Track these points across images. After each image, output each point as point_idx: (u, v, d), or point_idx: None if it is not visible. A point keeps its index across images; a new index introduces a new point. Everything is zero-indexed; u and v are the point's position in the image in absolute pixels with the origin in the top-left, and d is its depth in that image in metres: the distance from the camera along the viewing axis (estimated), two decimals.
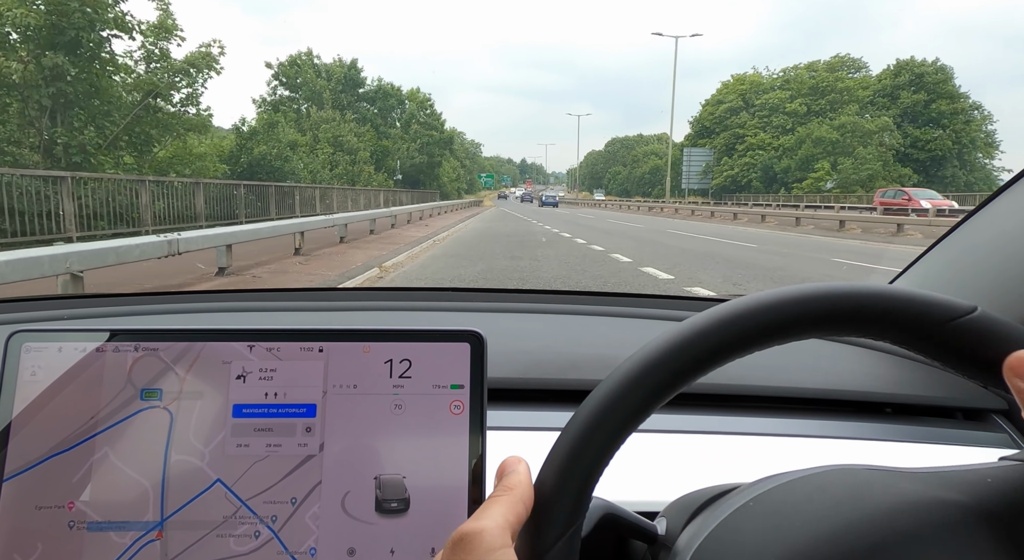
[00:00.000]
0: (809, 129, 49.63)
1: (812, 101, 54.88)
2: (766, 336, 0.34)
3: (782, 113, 55.77)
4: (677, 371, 0.35)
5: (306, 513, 0.42)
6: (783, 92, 57.29)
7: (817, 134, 47.99)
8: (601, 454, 0.34)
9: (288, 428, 0.43)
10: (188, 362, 0.43)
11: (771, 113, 57.03)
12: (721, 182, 58.85)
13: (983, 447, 0.68)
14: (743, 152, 56.60)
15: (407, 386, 0.44)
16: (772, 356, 0.42)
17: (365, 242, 13.24)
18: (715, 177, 60.20)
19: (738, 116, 59.60)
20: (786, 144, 52.61)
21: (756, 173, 54.64)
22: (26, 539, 0.41)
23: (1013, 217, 0.76)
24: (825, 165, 46.51)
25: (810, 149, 48.39)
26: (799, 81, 57.12)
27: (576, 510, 0.34)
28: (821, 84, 54.57)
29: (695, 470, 0.62)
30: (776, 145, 53.91)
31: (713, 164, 61.49)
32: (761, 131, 57.08)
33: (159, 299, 1.04)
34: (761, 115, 57.92)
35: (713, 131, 64.11)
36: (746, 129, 57.90)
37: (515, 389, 0.74)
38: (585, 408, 0.36)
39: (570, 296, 1.14)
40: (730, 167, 57.88)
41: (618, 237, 15.44)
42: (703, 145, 63.94)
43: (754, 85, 60.70)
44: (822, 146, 47.55)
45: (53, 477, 0.42)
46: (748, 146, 56.21)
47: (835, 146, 47.00)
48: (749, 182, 55.25)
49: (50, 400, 0.43)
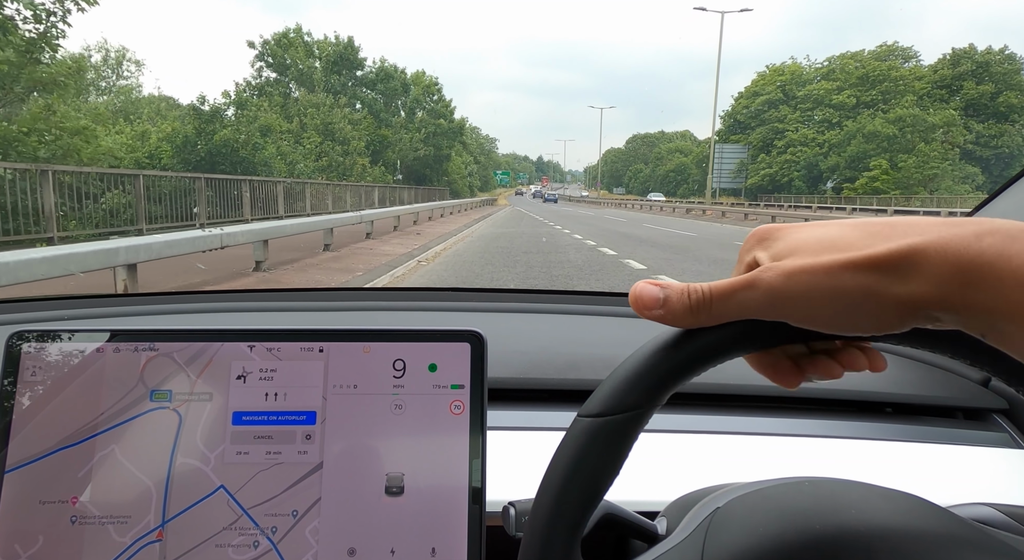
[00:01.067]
0: (860, 123, 44.21)
1: (861, 92, 49.39)
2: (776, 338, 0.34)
3: (827, 106, 50.38)
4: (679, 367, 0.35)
5: (306, 527, 0.43)
6: (828, 83, 51.98)
7: (870, 128, 42.78)
8: (583, 508, 0.35)
9: (288, 436, 0.44)
10: (200, 365, 0.45)
11: (815, 106, 51.79)
12: (757, 181, 53.62)
13: (983, 447, 0.69)
14: (783, 148, 51.48)
15: (407, 386, 0.45)
16: None
17: (300, 268, 9.01)
18: (750, 176, 54.69)
19: (777, 109, 54.42)
20: (833, 140, 47.23)
21: (798, 171, 49.54)
22: (28, 532, 0.42)
23: None
24: (883, 163, 41.24)
25: (862, 145, 43.17)
26: (845, 71, 51.40)
27: (580, 522, 0.35)
28: (872, 73, 49.25)
29: (695, 470, 0.63)
30: (821, 141, 48.31)
31: (748, 162, 55.84)
32: (803, 125, 51.44)
33: (159, 299, 1.04)
34: (803, 108, 52.72)
35: (748, 126, 58.76)
36: (786, 123, 52.69)
37: (515, 389, 0.75)
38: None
39: (570, 296, 1.15)
40: (768, 165, 52.77)
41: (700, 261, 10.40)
42: (736, 141, 58.34)
43: (794, 75, 55.48)
44: (876, 142, 42.35)
45: (57, 472, 0.43)
46: (788, 142, 51.06)
47: (892, 142, 41.54)
48: (790, 181, 50.15)
49: (51, 399, 0.44)
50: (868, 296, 0.29)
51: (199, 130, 19.54)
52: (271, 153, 22.13)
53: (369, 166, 32.11)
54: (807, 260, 0.31)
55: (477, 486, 0.43)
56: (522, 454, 0.62)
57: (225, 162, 19.70)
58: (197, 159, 19.16)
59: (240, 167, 19.91)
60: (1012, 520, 0.46)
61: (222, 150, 19.55)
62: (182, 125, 19.87)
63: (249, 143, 20.27)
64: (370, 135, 34.34)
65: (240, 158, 20.03)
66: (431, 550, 0.43)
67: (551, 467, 0.35)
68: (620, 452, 0.34)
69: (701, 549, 0.37)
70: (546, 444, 0.38)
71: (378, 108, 39.95)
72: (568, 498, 0.34)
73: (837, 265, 0.30)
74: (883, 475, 0.61)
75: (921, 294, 0.28)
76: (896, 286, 0.29)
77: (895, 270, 0.29)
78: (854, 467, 0.64)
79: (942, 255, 0.28)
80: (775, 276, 0.31)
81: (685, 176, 76.98)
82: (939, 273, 0.28)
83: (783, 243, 0.33)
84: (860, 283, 0.29)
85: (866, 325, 0.30)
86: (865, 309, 0.29)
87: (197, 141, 19.32)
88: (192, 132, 19.49)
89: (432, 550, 0.43)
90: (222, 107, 21.41)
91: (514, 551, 0.37)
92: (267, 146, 22.05)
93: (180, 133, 19.35)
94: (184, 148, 19.17)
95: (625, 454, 0.34)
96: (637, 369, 0.34)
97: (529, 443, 0.65)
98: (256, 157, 20.53)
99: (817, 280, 0.30)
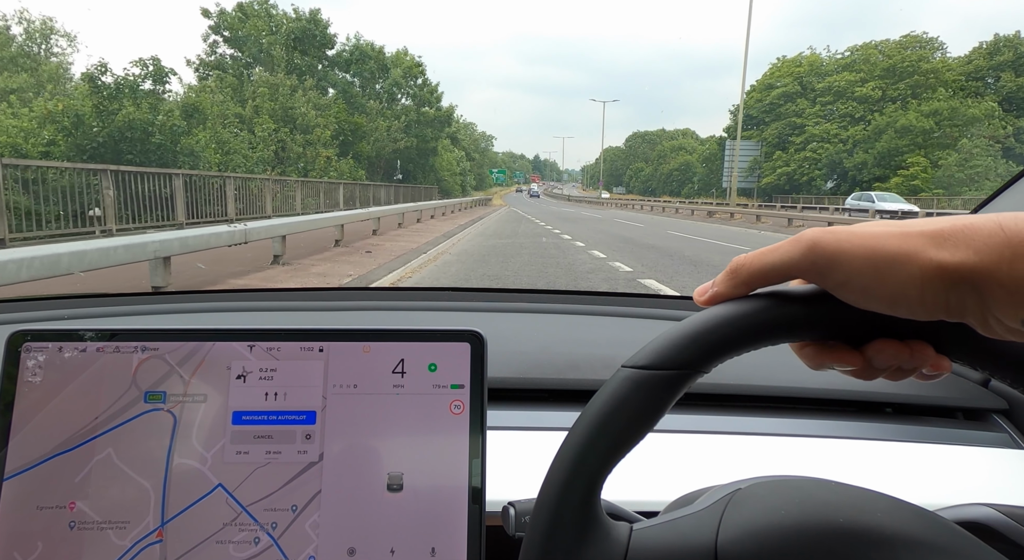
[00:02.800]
0: (891, 117, 39.55)
1: (888, 84, 44.49)
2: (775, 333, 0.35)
3: (851, 99, 45.67)
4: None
5: (306, 521, 0.45)
6: (851, 74, 47.62)
7: (903, 122, 38.99)
8: (606, 460, 0.36)
9: (288, 435, 0.46)
10: (193, 366, 0.46)
11: (836, 99, 47.39)
12: (773, 180, 49.41)
13: (983, 447, 0.71)
14: (801, 145, 47.63)
15: (407, 386, 0.47)
16: (772, 356, 0.46)
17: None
18: (765, 174, 50.09)
19: (794, 103, 50.48)
20: (857, 135, 42.44)
21: (820, 170, 45.51)
22: (27, 538, 0.44)
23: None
24: (921, 160, 36.85)
25: (894, 141, 38.76)
26: (869, 61, 46.93)
27: (601, 473, 0.35)
28: (899, 65, 44.49)
29: (695, 470, 0.65)
30: (845, 136, 43.58)
31: (761, 159, 51.23)
32: (823, 120, 46.65)
33: (159, 299, 1.06)
34: (823, 101, 48.27)
35: (761, 121, 54.57)
36: (805, 118, 48.80)
37: (515, 389, 0.77)
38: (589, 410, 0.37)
39: (570, 296, 1.16)
40: (784, 163, 48.87)
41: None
42: (748, 137, 53.60)
43: (813, 66, 50.84)
44: (910, 137, 37.86)
45: (54, 477, 0.45)
46: (808, 137, 46.71)
47: (927, 137, 36.77)
48: (811, 180, 45.97)
49: (51, 400, 0.46)
50: (909, 261, 0.30)
51: (98, 108, 14.74)
52: (203, 140, 17.27)
53: (335, 159, 27.03)
54: (854, 227, 0.32)
55: (477, 486, 0.45)
56: (522, 454, 0.63)
57: (133, 150, 14.93)
58: (94, 146, 14.37)
59: (154, 157, 15.09)
60: (1012, 520, 0.47)
61: (127, 135, 14.76)
62: (79, 103, 15.04)
63: (166, 127, 15.41)
64: (339, 123, 29.25)
65: (154, 145, 15.21)
66: (431, 550, 0.44)
67: (583, 414, 0.35)
68: (656, 410, 0.34)
69: (719, 520, 0.38)
70: (546, 444, 0.39)
71: (353, 93, 34.86)
72: (597, 443, 0.34)
73: (884, 231, 0.31)
74: (883, 475, 0.64)
75: (970, 263, 0.28)
76: (942, 251, 0.29)
77: (944, 238, 0.29)
78: (854, 467, 0.66)
79: (996, 225, 0.28)
80: (820, 232, 0.32)
81: (689, 175, 72.87)
82: (990, 244, 0.28)
83: (836, 234, 0.33)
84: (903, 246, 0.30)
85: (906, 298, 0.30)
86: (906, 276, 0.30)
87: (94, 123, 14.48)
88: (89, 111, 14.66)
89: (432, 550, 0.44)
90: (133, 79, 16.59)
91: (514, 551, 0.38)
92: (197, 132, 17.19)
93: (71, 112, 14.50)
94: (76, 131, 14.36)
95: (660, 414, 0.34)
96: (694, 330, 0.34)
97: (529, 443, 0.66)
98: (179, 145, 15.70)
99: (862, 241, 0.31)
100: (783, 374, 0.80)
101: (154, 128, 16.03)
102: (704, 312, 0.35)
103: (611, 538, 0.36)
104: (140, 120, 15.67)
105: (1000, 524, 0.46)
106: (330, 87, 34.65)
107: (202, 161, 17.33)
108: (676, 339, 0.34)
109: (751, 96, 59.09)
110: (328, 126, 27.88)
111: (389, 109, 38.41)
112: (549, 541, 0.34)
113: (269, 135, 23.81)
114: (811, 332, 0.34)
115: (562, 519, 0.34)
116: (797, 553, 0.35)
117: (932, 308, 0.30)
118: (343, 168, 27.66)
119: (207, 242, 7.17)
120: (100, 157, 14.88)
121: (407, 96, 40.51)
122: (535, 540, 0.35)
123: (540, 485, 0.36)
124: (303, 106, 27.03)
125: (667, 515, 0.40)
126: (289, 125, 25.99)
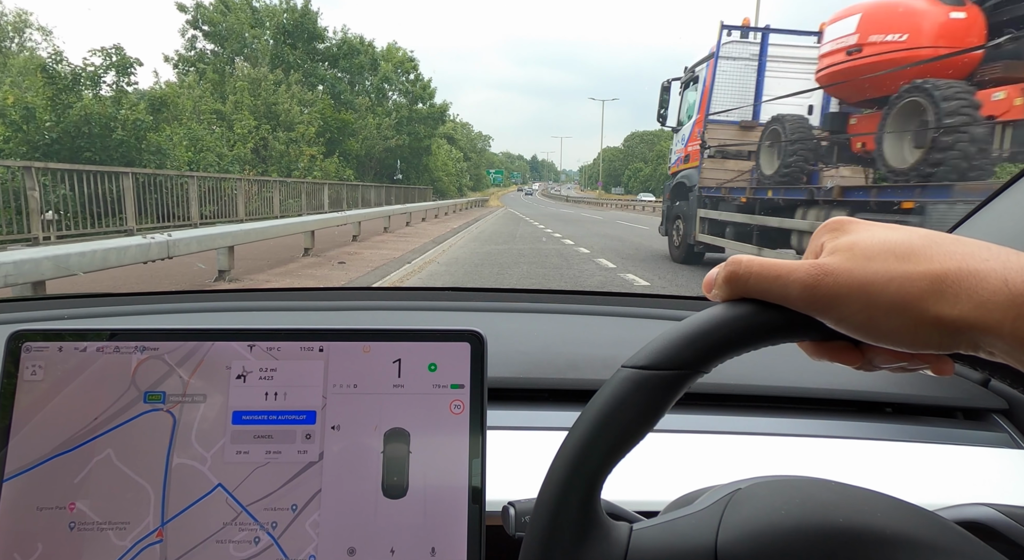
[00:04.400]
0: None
1: None
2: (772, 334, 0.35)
3: None
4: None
5: (306, 520, 0.45)
6: None
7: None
8: (606, 459, 0.36)
9: (288, 435, 0.46)
10: (192, 366, 0.47)
11: None
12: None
13: (983, 447, 0.71)
14: None
15: (407, 386, 0.47)
16: (772, 356, 0.46)
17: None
18: None
19: None
20: None
21: None
22: (26, 539, 0.44)
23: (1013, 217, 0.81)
24: None
25: None
26: None
27: (600, 474, 0.35)
28: None
29: (695, 470, 0.65)
30: None
31: None
32: None
33: (159, 299, 1.04)
34: None
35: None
36: None
37: (515, 389, 0.78)
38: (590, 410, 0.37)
39: (570, 296, 1.16)
40: None
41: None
42: None
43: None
44: None
45: (54, 478, 0.45)
46: None
47: None
48: None
49: (51, 400, 0.46)
50: (906, 310, 0.29)
51: (52, 101, 13.29)
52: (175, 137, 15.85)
53: (321, 157, 25.60)
54: (855, 263, 0.31)
55: (477, 486, 0.45)
56: (522, 454, 0.63)
57: (92, 147, 13.51)
58: (47, 142, 12.93)
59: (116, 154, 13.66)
60: (1012, 520, 0.47)
61: (84, 130, 13.30)
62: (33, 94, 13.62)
63: (128, 122, 13.94)
64: (325, 119, 27.70)
65: (115, 142, 13.76)
66: (431, 550, 0.44)
67: (583, 414, 0.35)
68: (656, 410, 0.34)
69: (719, 520, 0.38)
70: (546, 444, 0.39)
71: (341, 88, 33.16)
72: (597, 443, 0.34)
73: (886, 274, 0.30)
74: (883, 475, 0.64)
75: (970, 318, 0.28)
76: (942, 303, 0.28)
77: (946, 286, 0.28)
78: (854, 467, 0.66)
79: (1001, 281, 0.27)
80: (817, 273, 0.31)
81: None
82: (994, 300, 0.27)
83: (848, 237, 0.33)
84: (902, 292, 0.29)
85: (901, 339, 0.30)
86: (901, 322, 0.29)
87: (46, 116, 13.03)
88: (42, 104, 13.22)
89: (432, 550, 0.44)
90: (93, 70, 15.25)
91: (514, 551, 0.39)
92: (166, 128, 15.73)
93: (21, 105, 13.05)
94: (28, 126, 12.94)
95: (660, 414, 0.34)
96: (693, 330, 0.34)
97: (529, 443, 0.66)
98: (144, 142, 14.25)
99: (861, 288, 0.30)
100: (783, 374, 0.80)
101: (116, 123, 14.42)
102: (704, 312, 0.35)
103: (611, 538, 0.36)
104: (99, 114, 14.04)
105: (1000, 524, 0.46)
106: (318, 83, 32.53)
107: (170, 159, 15.68)
108: (675, 339, 0.34)
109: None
110: (312, 123, 26.15)
111: (380, 106, 36.13)
112: (549, 541, 0.34)
113: (249, 132, 21.97)
114: (811, 333, 0.34)
115: (562, 519, 0.34)
116: (797, 553, 0.35)
117: (925, 347, 0.30)
118: (329, 167, 25.73)
119: (103, 260, 5.38)
120: (55, 155, 13.44)
121: (398, 92, 38.46)
122: (535, 540, 0.35)
123: (540, 485, 0.36)
124: (287, 102, 25.41)
125: (667, 515, 0.40)
126: (272, 122, 24.33)
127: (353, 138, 31.11)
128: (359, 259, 9.82)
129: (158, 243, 6.09)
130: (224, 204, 13.73)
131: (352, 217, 12.86)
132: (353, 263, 9.38)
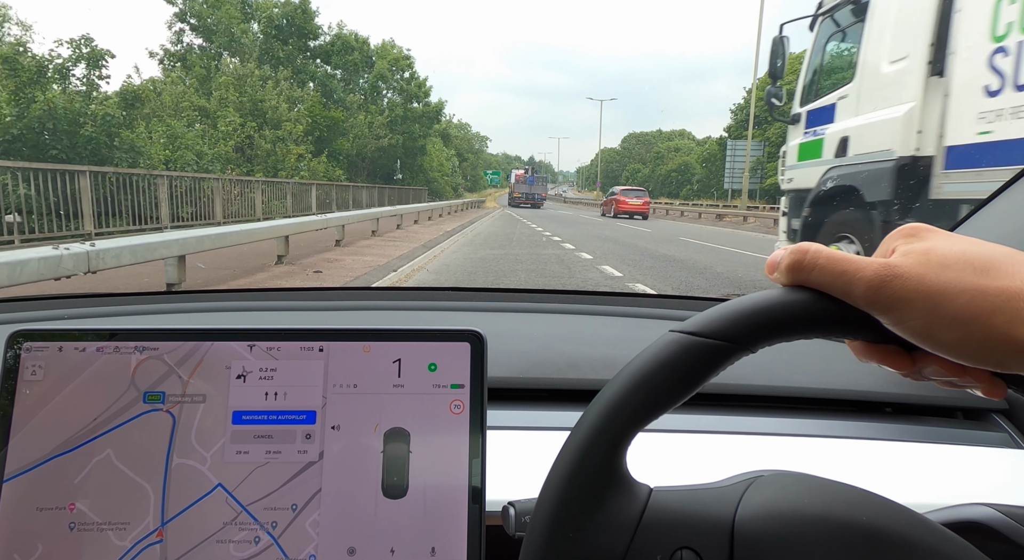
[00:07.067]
0: None
1: None
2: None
3: None
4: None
5: (306, 520, 0.45)
6: None
7: None
8: (638, 416, 0.35)
9: (288, 435, 0.47)
10: (191, 366, 0.47)
11: None
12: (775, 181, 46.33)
13: (983, 447, 0.72)
14: None
15: (407, 386, 0.47)
16: (772, 356, 0.46)
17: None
18: (768, 174, 48.16)
19: None
20: None
21: None
22: (26, 540, 0.44)
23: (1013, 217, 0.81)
24: None
25: None
26: None
27: (627, 432, 0.35)
28: None
29: (695, 470, 0.66)
30: None
31: (764, 159, 49.40)
32: None
33: (159, 299, 1.05)
34: None
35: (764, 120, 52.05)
36: None
37: (515, 389, 0.78)
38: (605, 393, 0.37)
39: (570, 296, 1.15)
40: None
41: None
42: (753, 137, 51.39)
43: None
44: None
45: (54, 478, 0.45)
46: None
47: None
48: None
49: (50, 400, 0.46)
50: (973, 324, 0.28)
51: (15, 94, 12.33)
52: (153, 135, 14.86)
53: (309, 157, 24.81)
54: (928, 269, 0.30)
55: (477, 486, 0.45)
56: (522, 454, 0.63)
57: (59, 144, 12.57)
58: (8, 139, 12.00)
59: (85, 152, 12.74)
60: (1012, 520, 0.47)
61: (49, 125, 12.34)
62: None
63: (98, 116, 12.98)
64: (313, 117, 26.79)
65: (83, 139, 12.79)
66: (431, 549, 0.44)
67: (623, 369, 0.35)
68: (695, 377, 0.34)
69: (739, 497, 0.38)
70: (546, 444, 0.39)
71: (333, 86, 32.16)
72: (631, 399, 0.34)
73: (958, 286, 0.29)
74: (883, 475, 0.65)
75: None
76: (1015, 324, 0.27)
77: (1022, 309, 0.27)
78: (854, 467, 0.67)
79: None
80: (885, 271, 0.30)
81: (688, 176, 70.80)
82: None
83: (924, 243, 0.32)
84: (972, 306, 0.28)
85: (961, 351, 0.29)
86: (965, 335, 0.29)
87: (7, 111, 12.08)
88: (5, 97, 12.27)
89: (432, 549, 0.44)
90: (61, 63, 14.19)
91: (514, 551, 0.39)
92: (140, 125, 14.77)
93: None
94: None
95: (697, 384, 0.34)
96: (750, 306, 0.34)
97: (529, 443, 0.66)
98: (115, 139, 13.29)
99: (928, 294, 0.29)
100: (783, 374, 0.81)
101: (85, 119, 13.64)
102: (762, 292, 0.34)
103: (633, 491, 0.37)
104: (66, 109, 13.22)
105: (1000, 524, 0.46)
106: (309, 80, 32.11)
107: (144, 157, 14.82)
108: (730, 312, 0.34)
109: (756, 94, 57.03)
110: (300, 120, 25.07)
111: (373, 104, 35.43)
112: (572, 480, 0.35)
113: (233, 130, 21.07)
114: (867, 333, 0.33)
115: (589, 462, 0.35)
116: (817, 541, 0.35)
117: (984, 364, 0.29)
118: (317, 167, 24.76)
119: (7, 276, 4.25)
120: (17, 152, 12.53)
121: (393, 90, 37.29)
122: (559, 474, 0.35)
123: (571, 429, 0.36)
124: (274, 98, 24.38)
125: (688, 489, 0.40)
126: (258, 119, 23.30)
127: (344, 137, 30.41)
128: (339, 267, 8.96)
129: (73, 255, 4.91)
130: (201, 206, 12.82)
131: (332, 220, 11.78)
132: (331, 271, 8.50)
